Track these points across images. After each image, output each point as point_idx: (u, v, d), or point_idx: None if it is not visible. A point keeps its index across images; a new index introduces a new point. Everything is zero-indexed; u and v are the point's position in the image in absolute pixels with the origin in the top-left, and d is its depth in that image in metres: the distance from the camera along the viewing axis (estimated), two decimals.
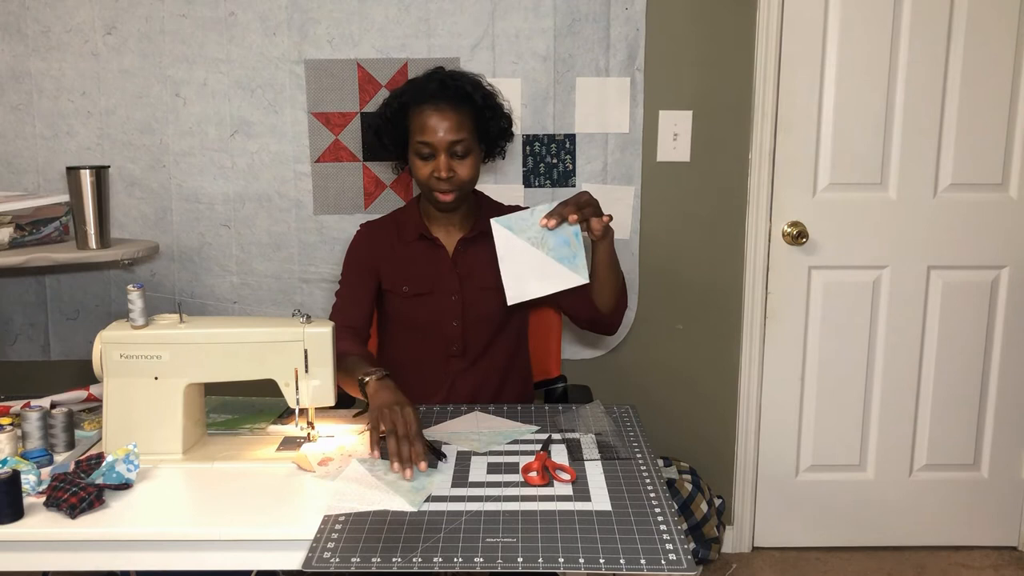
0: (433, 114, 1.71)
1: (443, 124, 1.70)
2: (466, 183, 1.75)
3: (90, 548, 1.26)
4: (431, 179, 1.73)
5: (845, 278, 2.48)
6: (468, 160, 1.74)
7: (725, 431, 2.57)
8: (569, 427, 1.60)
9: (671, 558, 1.12)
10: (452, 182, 1.73)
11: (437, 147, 1.71)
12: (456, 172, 1.73)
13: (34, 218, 2.08)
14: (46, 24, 2.28)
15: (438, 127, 1.70)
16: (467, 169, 1.74)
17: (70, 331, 2.45)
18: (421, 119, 1.72)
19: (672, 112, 2.38)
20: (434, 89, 1.74)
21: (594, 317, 1.83)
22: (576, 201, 1.56)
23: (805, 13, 2.33)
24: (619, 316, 1.85)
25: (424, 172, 1.74)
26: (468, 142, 1.73)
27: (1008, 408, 2.54)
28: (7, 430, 1.43)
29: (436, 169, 1.71)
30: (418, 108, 1.73)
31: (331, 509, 1.26)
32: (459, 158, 1.73)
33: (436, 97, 1.72)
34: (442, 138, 1.70)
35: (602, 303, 1.78)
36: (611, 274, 1.72)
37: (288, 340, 1.47)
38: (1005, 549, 2.62)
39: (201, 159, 2.36)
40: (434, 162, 1.72)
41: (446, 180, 1.72)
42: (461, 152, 1.73)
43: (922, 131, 2.39)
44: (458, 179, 1.73)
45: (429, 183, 1.74)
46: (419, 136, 1.72)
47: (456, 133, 1.71)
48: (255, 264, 2.41)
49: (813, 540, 2.62)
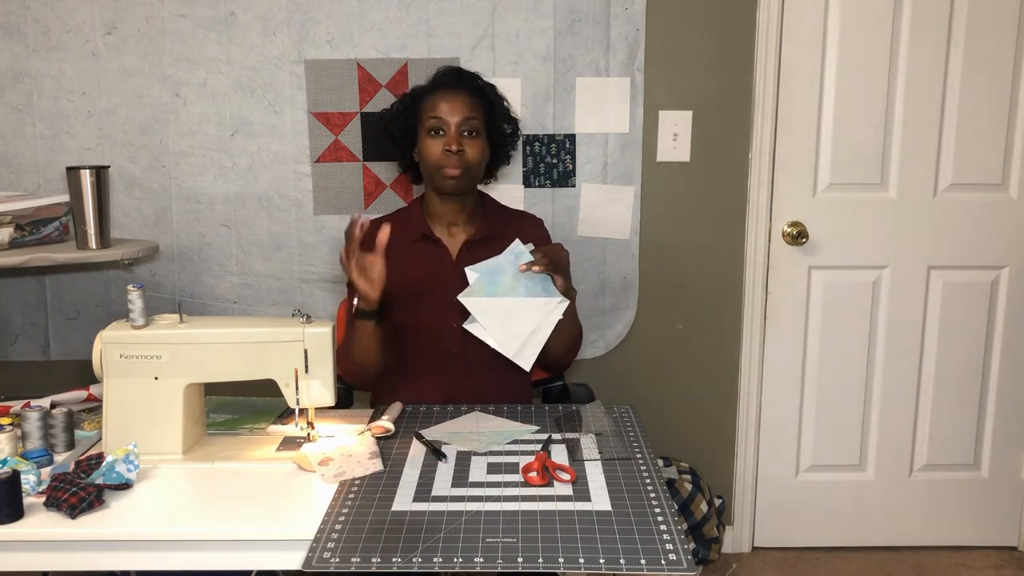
0: (447, 95, 1.78)
1: (456, 104, 1.77)
2: (473, 165, 1.79)
3: (90, 548, 1.26)
4: (441, 155, 1.76)
5: (845, 278, 2.48)
6: (477, 142, 1.79)
7: (725, 431, 2.57)
8: (569, 427, 1.60)
9: (671, 558, 1.12)
10: (461, 158, 1.76)
11: (449, 123, 1.76)
12: (465, 150, 1.77)
13: (34, 218, 2.08)
14: (46, 24, 2.28)
15: (451, 105, 1.77)
16: (475, 151, 1.79)
17: (70, 331, 2.45)
18: (434, 101, 1.79)
19: (672, 112, 2.38)
20: (448, 79, 1.83)
21: (541, 360, 1.82)
22: (550, 254, 1.63)
23: (805, 13, 2.33)
24: (568, 361, 1.91)
25: (434, 149, 1.77)
26: (478, 124, 1.79)
27: (1008, 408, 2.54)
28: (7, 430, 1.43)
29: (447, 143, 1.76)
30: (431, 94, 1.80)
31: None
32: (469, 137, 1.78)
33: (451, 84, 1.81)
34: (454, 115, 1.76)
35: (554, 350, 1.77)
36: (567, 326, 1.73)
37: (288, 340, 1.47)
38: (1005, 549, 2.62)
39: (201, 159, 2.36)
40: (444, 138, 1.76)
41: (456, 154, 1.75)
42: (471, 131, 1.78)
43: (922, 131, 2.39)
44: (467, 157, 1.77)
45: (438, 160, 1.77)
46: (431, 113, 1.78)
47: (468, 111, 1.78)
48: (255, 264, 2.41)
49: (813, 540, 2.62)
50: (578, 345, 1.89)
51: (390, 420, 1.59)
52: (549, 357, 1.84)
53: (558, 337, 1.74)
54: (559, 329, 1.69)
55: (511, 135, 1.91)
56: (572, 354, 1.89)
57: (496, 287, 1.62)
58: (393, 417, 1.61)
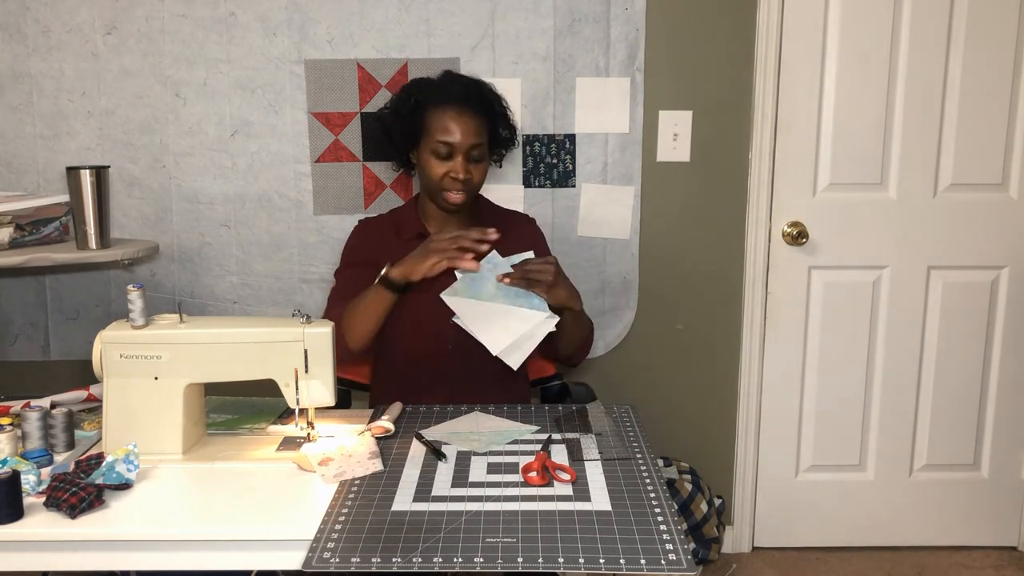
0: (457, 116, 1.75)
1: (466, 127, 1.75)
2: (476, 187, 1.81)
3: (90, 548, 1.26)
4: (445, 179, 1.76)
5: (845, 278, 2.48)
6: (481, 165, 1.80)
7: (725, 431, 2.57)
8: (569, 427, 1.60)
9: (671, 558, 1.12)
10: (466, 184, 1.77)
11: (457, 149, 1.75)
12: (471, 175, 1.77)
13: (34, 218, 2.08)
14: (46, 24, 2.28)
15: (461, 129, 1.74)
16: (480, 173, 1.80)
17: (70, 331, 2.45)
18: (443, 120, 1.75)
19: (672, 112, 2.38)
20: (457, 92, 1.79)
21: (554, 356, 1.90)
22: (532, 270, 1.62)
23: (805, 13, 2.33)
24: (581, 357, 1.91)
25: (439, 171, 1.76)
26: (484, 147, 1.79)
27: (1008, 408, 2.54)
28: (7, 430, 1.43)
29: (453, 170, 1.75)
30: (439, 109, 1.77)
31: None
32: (475, 162, 1.78)
33: (460, 100, 1.77)
34: (464, 141, 1.74)
35: (564, 350, 1.84)
36: (574, 330, 1.76)
37: (288, 340, 1.47)
38: (1005, 549, 2.62)
39: (201, 159, 2.36)
40: (451, 163, 1.76)
41: (461, 182, 1.75)
42: (477, 156, 1.78)
43: (922, 131, 2.39)
44: (472, 182, 1.78)
45: (443, 183, 1.77)
46: (440, 136, 1.75)
47: (476, 137, 1.76)
48: (255, 264, 2.41)
49: (813, 540, 2.62)
50: (589, 341, 1.90)
51: (390, 420, 1.59)
52: (560, 355, 1.88)
53: (564, 340, 1.75)
54: (565, 333, 1.69)
55: (508, 140, 1.90)
56: (584, 352, 1.90)
57: (478, 293, 1.61)
58: (393, 417, 1.61)
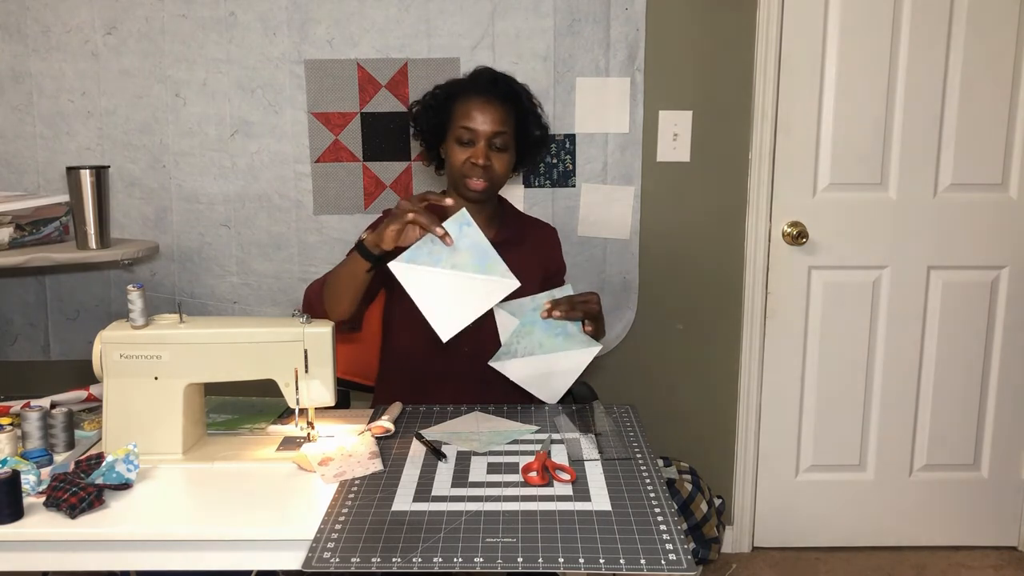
0: (481, 103, 1.77)
1: (489, 114, 1.76)
2: (498, 177, 1.81)
3: (90, 548, 1.26)
4: (466, 165, 1.77)
5: (845, 278, 2.48)
6: (505, 156, 1.80)
7: (725, 431, 2.57)
8: (569, 427, 1.60)
9: (671, 558, 1.12)
10: (487, 172, 1.77)
11: (480, 135, 1.76)
12: (492, 163, 1.78)
13: (34, 218, 2.08)
14: (46, 24, 2.28)
15: (484, 116, 1.76)
16: (502, 164, 1.80)
17: (70, 331, 2.45)
18: (467, 107, 1.77)
19: (672, 112, 2.38)
20: (484, 83, 1.81)
21: None
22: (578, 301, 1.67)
23: (805, 14, 2.33)
24: None
25: (460, 157, 1.78)
26: (508, 138, 1.79)
27: (1008, 408, 2.54)
28: (7, 430, 1.43)
29: (474, 155, 1.76)
30: (466, 98, 1.79)
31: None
32: (497, 151, 1.78)
33: (486, 90, 1.79)
34: (486, 127, 1.76)
35: None
36: None
37: (288, 340, 1.47)
38: (1005, 549, 2.62)
39: (201, 159, 2.35)
40: (473, 149, 1.77)
41: (482, 168, 1.76)
42: (500, 145, 1.78)
43: (922, 131, 2.39)
44: (492, 171, 1.78)
45: (464, 169, 1.78)
46: (463, 122, 1.77)
47: (500, 125, 1.77)
48: (255, 264, 2.41)
49: (813, 540, 2.62)
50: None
51: (390, 420, 1.59)
52: None
53: None
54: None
55: (540, 141, 1.90)
56: None
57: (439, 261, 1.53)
58: (393, 417, 1.61)
